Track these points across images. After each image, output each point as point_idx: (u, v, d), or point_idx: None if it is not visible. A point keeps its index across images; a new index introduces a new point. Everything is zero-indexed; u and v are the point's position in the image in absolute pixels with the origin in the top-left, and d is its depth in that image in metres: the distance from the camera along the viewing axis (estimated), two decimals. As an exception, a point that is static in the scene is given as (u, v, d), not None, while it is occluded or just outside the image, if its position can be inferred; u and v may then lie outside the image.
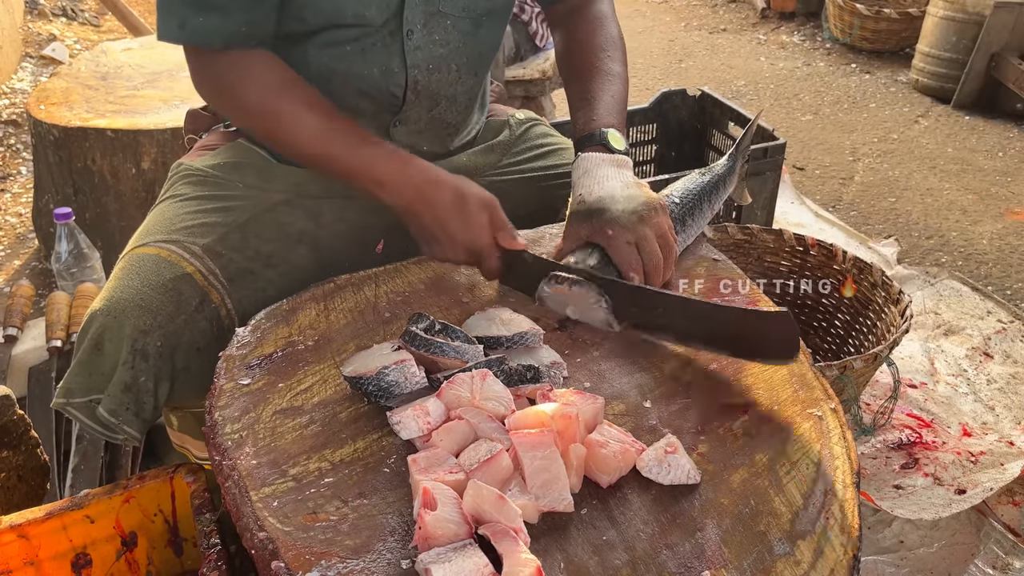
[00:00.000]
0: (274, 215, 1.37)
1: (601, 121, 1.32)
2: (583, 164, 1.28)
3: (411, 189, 1.20)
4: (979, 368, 2.23)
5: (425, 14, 1.31)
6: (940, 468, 1.81)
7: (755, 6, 5.72)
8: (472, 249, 1.21)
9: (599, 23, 1.45)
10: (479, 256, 1.22)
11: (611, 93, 1.36)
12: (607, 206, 1.21)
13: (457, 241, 1.20)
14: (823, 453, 0.98)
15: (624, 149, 1.30)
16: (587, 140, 1.31)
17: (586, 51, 1.42)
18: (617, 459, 0.92)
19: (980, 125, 4.02)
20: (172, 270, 1.24)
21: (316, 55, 1.30)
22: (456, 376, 1.00)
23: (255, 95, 1.24)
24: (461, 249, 1.21)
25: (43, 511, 1.16)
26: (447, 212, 1.19)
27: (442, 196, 1.20)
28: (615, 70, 1.40)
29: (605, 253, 1.21)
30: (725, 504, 0.92)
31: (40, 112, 2.54)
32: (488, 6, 1.37)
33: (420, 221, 1.22)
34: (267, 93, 1.24)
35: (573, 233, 1.24)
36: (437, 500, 0.85)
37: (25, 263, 2.87)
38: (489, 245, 1.21)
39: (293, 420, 1.03)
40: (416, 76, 1.35)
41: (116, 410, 1.22)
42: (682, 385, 1.09)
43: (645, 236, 1.19)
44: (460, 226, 1.19)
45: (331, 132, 1.23)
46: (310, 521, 0.89)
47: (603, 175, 1.26)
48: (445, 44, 1.36)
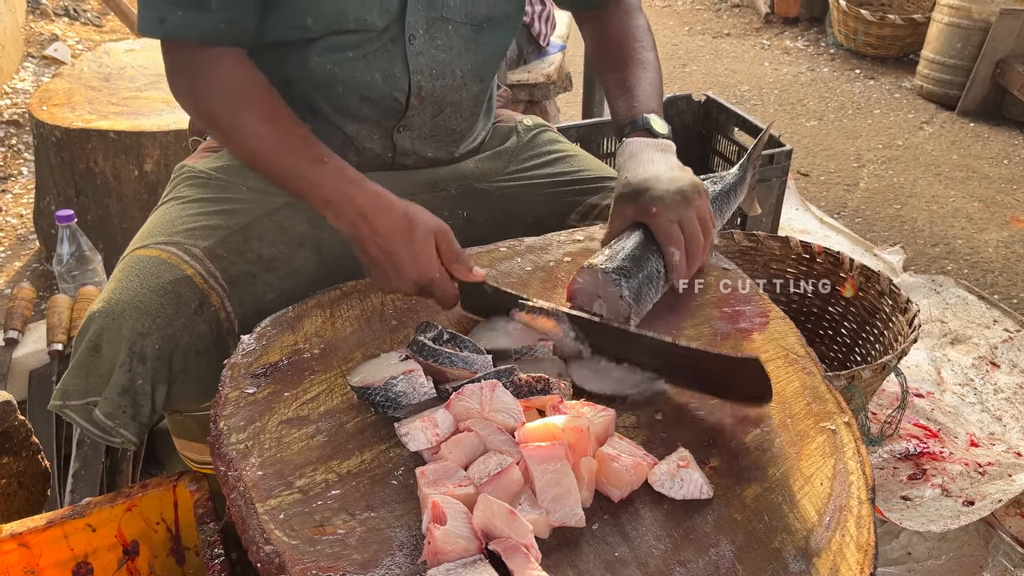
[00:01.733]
0: (276, 218, 1.35)
1: (642, 107, 1.34)
2: (628, 149, 1.30)
3: (356, 213, 1.14)
4: (986, 378, 2.21)
5: (427, 19, 1.31)
6: (948, 479, 1.80)
7: (759, 11, 5.71)
8: (420, 282, 1.14)
9: (628, 15, 1.48)
10: (429, 286, 1.15)
11: (648, 80, 1.39)
12: (652, 186, 1.22)
13: (404, 272, 1.13)
14: (837, 468, 0.97)
15: (667, 133, 1.32)
16: (631, 126, 1.33)
17: (620, 42, 1.45)
18: (629, 473, 0.90)
19: (985, 132, 4.01)
20: (172, 272, 1.23)
21: (318, 62, 1.29)
22: (465, 387, 0.98)
23: (216, 99, 1.22)
24: (408, 281, 1.14)
25: (44, 519, 1.15)
26: (393, 240, 1.12)
27: (388, 222, 1.13)
28: (649, 58, 1.43)
29: (649, 233, 1.21)
30: (739, 520, 0.91)
31: (42, 113, 2.53)
32: (488, 13, 1.36)
33: (365, 248, 1.15)
34: (228, 98, 1.22)
35: (620, 214, 1.24)
36: (447, 514, 0.83)
37: (26, 265, 2.86)
38: (440, 277, 1.14)
39: (299, 430, 1.01)
40: (419, 81, 1.34)
41: (113, 413, 1.21)
42: (694, 397, 1.08)
43: (688, 217, 1.20)
44: (408, 256, 1.12)
45: (283, 147, 1.20)
46: (317, 534, 0.88)
47: (648, 158, 1.27)
48: (448, 49, 1.35)
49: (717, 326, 1.21)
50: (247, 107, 1.21)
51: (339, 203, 1.16)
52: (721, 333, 1.20)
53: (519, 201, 1.51)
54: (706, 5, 6.08)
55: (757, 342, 1.18)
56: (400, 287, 1.15)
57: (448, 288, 1.16)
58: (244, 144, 1.22)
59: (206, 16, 1.18)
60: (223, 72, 1.22)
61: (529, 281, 1.31)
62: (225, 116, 1.22)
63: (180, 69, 1.25)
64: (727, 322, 1.22)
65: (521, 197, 1.51)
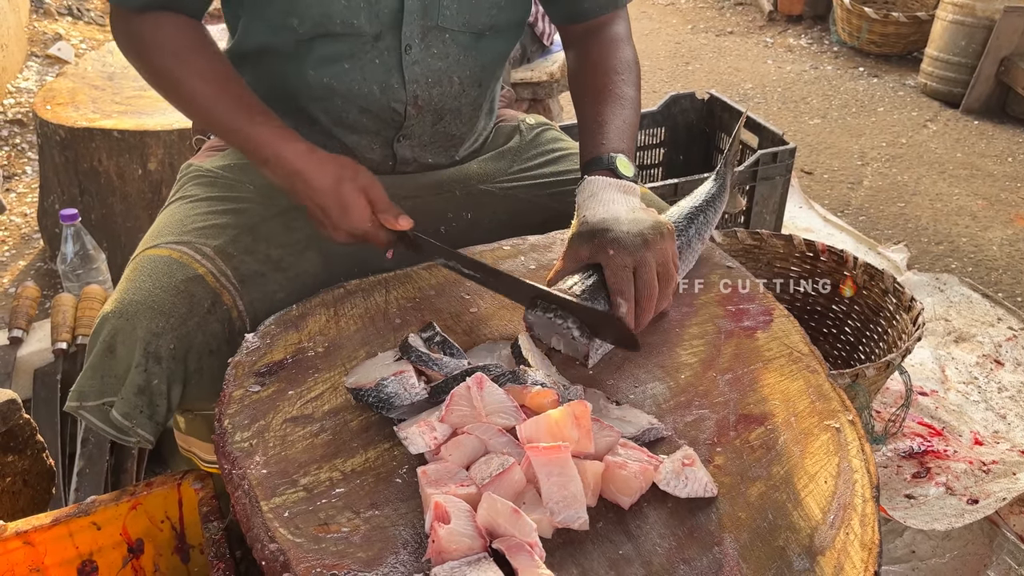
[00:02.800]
0: (284, 218, 1.36)
1: (610, 146, 1.28)
2: (589, 187, 1.24)
3: (290, 171, 1.21)
4: (990, 376, 2.21)
5: (423, 28, 1.30)
6: (952, 477, 1.79)
7: (762, 9, 5.71)
8: (353, 233, 1.22)
9: (614, 45, 1.42)
10: (363, 238, 1.23)
11: (622, 118, 1.32)
12: (610, 227, 1.16)
13: (338, 224, 1.21)
14: (841, 466, 0.97)
15: (632, 176, 1.26)
16: (594, 164, 1.27)
17: (600, 73, 1.38)
18: (638, 480, 0.90)
19: (989, 130, 4.00)
20: (184, 271, 1.23)
21: (315, 75, 1.30)
22: (454, 392, 0.97)
23: (159, 59, 1.26)
24: (342, 232, 1.22)
25: (49, 518, 1.15)
26: (324, 195, 1.20)
27: (319, 179, 1.20)
28: (628, 94, 1.36)
29: (603, 276, 1.15)
30: (743, 518, 0.91)
31: (46, 112, 2.54)
32: (489, 22, 1.35)
33: (302, 202, 1.23)
34: (170, 58, 1.25)
35: (573, 253, 1.18)
36: (451, 513, 0.83)
37: (30, 263, 2.87)
38: (371, 228, 1.21)
39: (304, 428, 1.01)
40: (416, 91, 1.34)
41: (130, 413, 1.21)
42: (697, 395, 1.08)
43: (645, 262, 1.13)
44: (338, 210, 1.20)
45: (222, 106, 1.24)
46: (321, 532, 0.88)
47: (609, 198, 1.21)
48: (444, 58, 1.34)
49: (721, 324, 1.21)
50: (190, 68, 1.25)
51: (274, 162, 1.21)
52: (725, 331, 1.20)
53: (523, 202, 1.50)
54: (709, 3, 6.07)
55: (761, 340, 1.18)
56: (336, 238, 1.23)
57: (380, 236, 1.23)
58: (188, 103, 1.28)
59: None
60: (166, 33, 1.26)
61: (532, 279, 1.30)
62: (171, 77, 1.27)
63: (123, 29, 1.29)
64: (731, 320, 1.22)
65: (525, 197, 1.51)
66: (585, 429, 0.92)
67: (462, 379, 0.99)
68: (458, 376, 1.00)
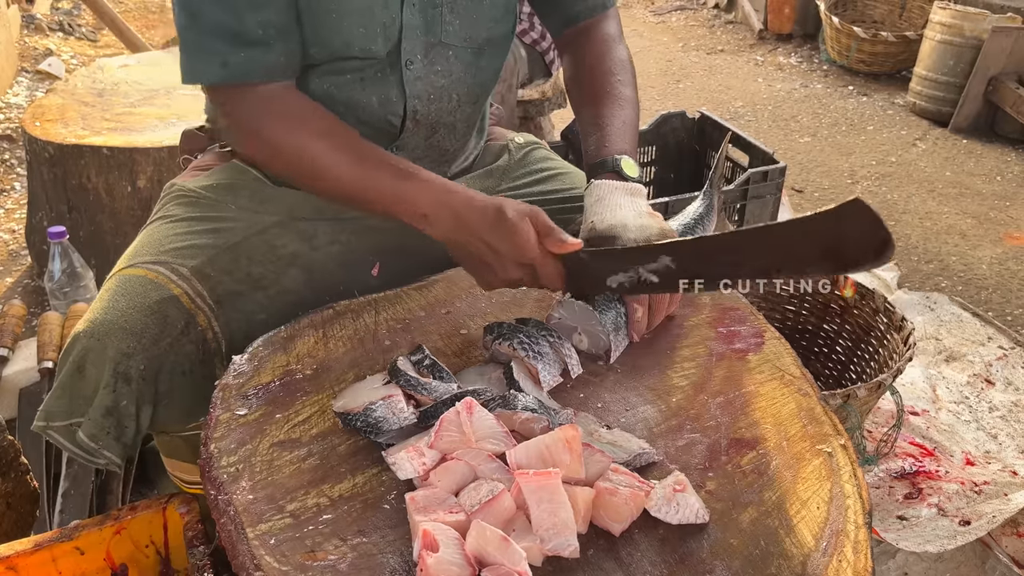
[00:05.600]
0: (266, 237, 1.35)
1: (613, 147, 1.28)
2: (595, 191, 1.24)
3: (451, 217, 1.15)
4: (981, 395, 2.21)
5: (426, 45, 1.30)
6: (944, 498, 1.79)
7: (752, 27, 5.74)
8: (522, 263, 1.14)
9: (607, 46, 1.43)
10: (532, 269, 1.15)
11: (622, 119, 1.33)
12: (618, 234, 1.18)
13: (505, 258, 1.14)
14: (834, 492, 0.96)
15: (637, 176, 1.27)
16: (600, 167, 1.27)
17: (596, 75, 1.39)
18: (628, 506, 0.89)
19: (978, 149, 4.02)
20: (158, 292, 1.22)
21: (317, 83, 1.29)
22: (443, 418, 0.96)
23: (283, 132, 1.21)
24: (512, 266, 1.14)
25: (32, 543, 1.13)
26: (489, 231, 1.13)
27: (481, 217, 1.14)
28: (626, 94, 1.37)
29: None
30: (735, 545, 0.90)
31: (35, 129, 2.52)
32: (488, 36, 1.35)
33: (466, 248, 1.16)
34: (296, 130, 1.20)
35: None
36: (439, 541, 0.82)
37: (17, 280, 2.84)
38: (540, 255, 1.14)
39: (291, 453, 1.00)
40: (415, 106, 1.34)
41: (96, 435, 1.20)
42: (689, 419, 1.07)
43: None
44: (505, 242, 1.12)
45: (367, 171, 1.19)
46: (308, 560, 0.86)
47: (616, 203, 1.22)
48: (447, 75, 1.34)
49: (712, 346, 1.21)
50: (319, 136, 1.20)
51: (435, 213, 1.16)
52: (716, 353, 1.19)
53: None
54: (700, 21, 6.11)
55: (752, 363, 1.17)
56: (506, 276, 1.16)
57: (551, 267, 1.15)
58: (329, 178, 1.20)
59: (268, 53, 1.18)
60: (288, 104, 1.22)
61: (523, 302, 1.30)
62: (295, 147, 1.20)
63: (242, 109, 1.22)
64: (722, 342, 1.22)
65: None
66: (576, 454, 0.92)
67: (451, 404, 0.97)
68: (447, 401, 0.99)
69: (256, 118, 1.22)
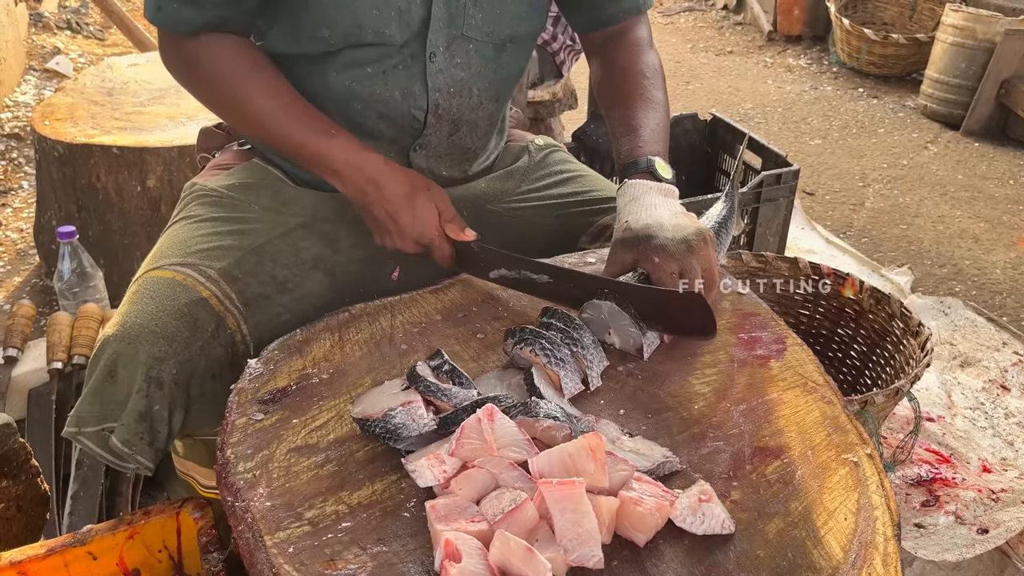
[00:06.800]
0: (290, 239, 1.34)
1: (647, 148, 1.30)
2: (630, 191, 1.25)
3: (364, 179, 1.24)
4: (996, 401, 2.19)
5: (448, 37, 1.29)
6: (961, 506, 1.77)
7: (761, 29, 5.72)
8: (421, 241, 1.26)
9: (639, 50, 1.43)
10: (429, 247, 1.27)
11: (655, 120, 1.34)
12: (655, 233, 1.18)
13: (406, 232, 1.25)
14: (861, 502, 0.94)
15: (671, 178, 1.28)
16: (632, 167, 1.28)
17: (628, 78, 1.39)
18: (654, 516, 0.87)
19: (990, 152, 4.00)
20: (188, 294, 1.21)
21: (337, 78, 1.28)
22: (464, 426, 0.94)
23: (219, 82, 1.26)
24: (410, 240, 1.26)
25: (44, 547, 1.12)
26: (398, 203, 1.24)
27: (394, 188, 1.24)
28: (657, 97, 1.38)
29: (648, 281, 1.18)
30: (761, 556, 0.88)
31: (44, 128, 2.51)
32: (511, 32, 1.34)
33: (372, 211, 1.26)
34: (232, 80, 1.26)
35: (618, 260, 1.21)
36: (462, 551, 0.81)
37: (26, 280, 2.83)
38: (438, 237, 1.26)
39: (308, 459, 0.99)
40: (438, 100, 1.33)
41: (130, 440, 1.18)
42: (711, 426, 1.05)
43: (692, 267, 1.16)
44: (410, 218, 1.24)
45: (290, 121, 1.25)
46: (328, 569, 0.85)
47: (651, 203, 1.23)
48: (467, 68, 1.33)
49: (734, 353, 1.19)
50: (251, 89, 1.25)
51: (347, 173, 1.25)
52: (738, 360, 1.17)
53: (530, 224, 1.49)
54: (709, 23, 6.09)
55: (775, 369, 1.16)
56: (402, 246, 1.27)
57: (444, 247, 1.28)
58: (254, 122, 1.27)
59: (199, 11, 1.22)
60: (223, 55, 1.26)
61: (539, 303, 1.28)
62: (234, 97, 1.27)
63: (174, 52, 1.28)
64: (744, 349, 1.20)
65: (532, 219, 1.49)
66: (600, 463, 0.90)
67: (472, 410, 0.96)
68: (468, 407, 0.97)
69: (190, 63, 1.28)
